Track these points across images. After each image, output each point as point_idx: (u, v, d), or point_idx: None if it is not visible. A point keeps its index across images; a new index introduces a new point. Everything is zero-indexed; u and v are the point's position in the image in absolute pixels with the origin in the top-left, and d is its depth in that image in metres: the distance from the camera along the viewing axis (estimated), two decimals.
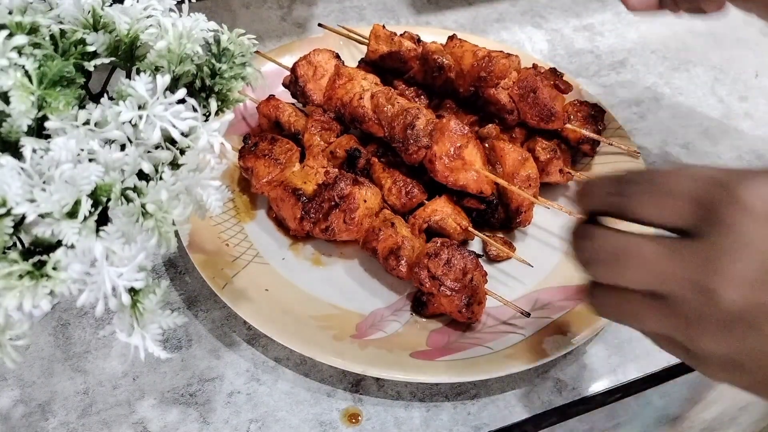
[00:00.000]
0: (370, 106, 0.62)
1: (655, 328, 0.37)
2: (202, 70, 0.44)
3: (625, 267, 0.35)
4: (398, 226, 0.59)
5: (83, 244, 0.35)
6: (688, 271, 0.33)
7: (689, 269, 0.33)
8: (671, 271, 0.34)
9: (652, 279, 0.35)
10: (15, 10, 0.39)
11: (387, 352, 0.52)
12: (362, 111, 0.62)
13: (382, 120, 0.61)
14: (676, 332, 0.36)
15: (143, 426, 0.50)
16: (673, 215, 0.34)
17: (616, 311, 0.38)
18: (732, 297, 0.32)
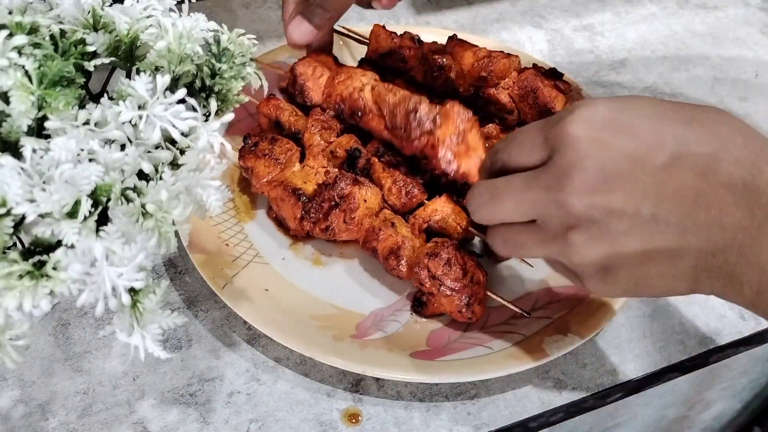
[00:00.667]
0: (370, 98, 0.61)
1: (538, 252, 0.43)
2: (202, 70, 0.44)
3: (500, 201, 0.42)
4: (398, 226, 0.58)
5: (83, 244, 0.35)
6: (545, 192, 0.39)
7: (545, 191, 0.39)
8: (534, 196, 0.40)
9: (522, 207, 0.41)
10: (15, 10, 0.39)
11: (387, 352, 0.52)
12: (362, 103, 0.61)
13: (383, 109, 0.60)
14: (552, 251, 0.41)
15: (143, 426, 0.50)
16: (532, 154, 0.41)
17: (507, 246, 0.44)
18: (578, 203, 0.38)
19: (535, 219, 0.41)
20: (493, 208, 0.42)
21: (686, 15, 0.97)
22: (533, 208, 0.40)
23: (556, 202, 0.39)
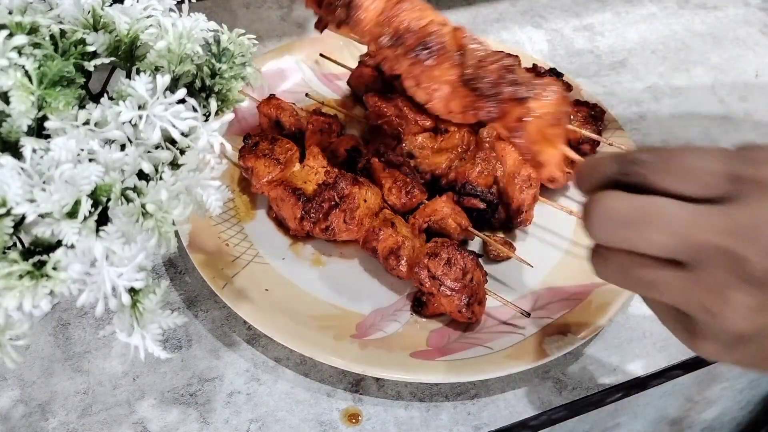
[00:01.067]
0: (452, 38, 0.51)
1: (669, 297, 0.35)
2: (202, 70, 0.44)
3: (646, 230, 0.33)
4: (398, 226, 0.59)
5: (83, 244, 0.35)
6: (718, 236, 0.32)
7: (719, 235, 0.32)
8: (698, 235, 0.32)
9: (676, 243, 0.33)
10: (15, 10, 0.39)
11: (387, 352, 0.52)
12: (438, 39, 0.51)
13: (466, 57, 0.49)
14: (691, 302, 0.34)
15: (143, 426, 0.50)
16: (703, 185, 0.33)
17: (626, 277, 0.36)
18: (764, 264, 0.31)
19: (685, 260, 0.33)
20: (637, 234, 0.33)
21: (686, 15, 0.97)
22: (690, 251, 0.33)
23: (734, 254, 0.31)
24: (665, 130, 0.79)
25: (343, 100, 0.76)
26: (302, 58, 0.77)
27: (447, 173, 0.63)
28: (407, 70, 0.49)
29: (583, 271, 0.60)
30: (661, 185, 0.34)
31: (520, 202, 0.61)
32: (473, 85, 0.48)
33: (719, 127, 0.80)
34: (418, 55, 0.50)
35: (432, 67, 0.49)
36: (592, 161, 0.38)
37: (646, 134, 0.78)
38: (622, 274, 0.36)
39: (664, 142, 0.77)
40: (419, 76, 0.49)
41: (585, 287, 0.58)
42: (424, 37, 0.50)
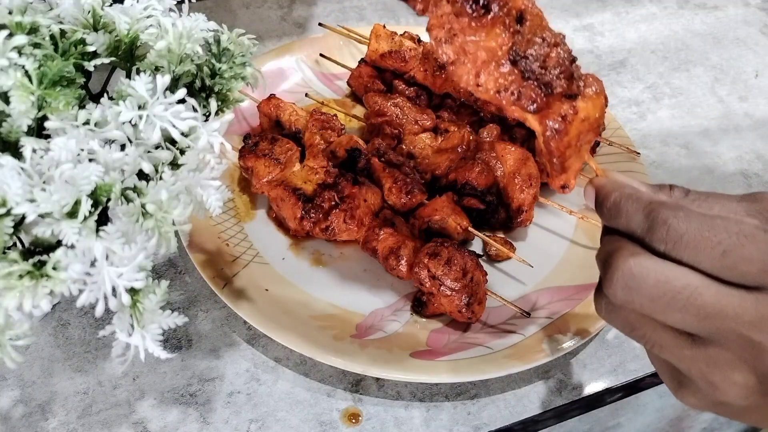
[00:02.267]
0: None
1: (671, 358, 0.35)
2: (202, 70, 0.44)
3: (670, 308, 0.32)
4: (398, 226, 0.59)
5: (83, 244, 0.35)
6: (742, 326, 0.31)
7: (744, 324, 0.31)
8: (723, 321, 0.31)
9: (696, 323, 0.32)
10: (15, 10, 0.39)
11: (387, 352, 0.52)
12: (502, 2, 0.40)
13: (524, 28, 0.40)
14: (693, 370, 0.34)
15: (143, 426, 0.50)
16: (734, 273, 0.31)
17: (632, 332, 0.35)
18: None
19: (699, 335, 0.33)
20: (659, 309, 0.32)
21: (686, 15, 0.97)
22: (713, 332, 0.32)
23: (752, 343, 0.31)
24: (665, 130, 0.79)
25: (343, 100, 0.76)
26: (302, 58, 0.77)
27: (447, 173, 0.63)
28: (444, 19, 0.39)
29: (583, 271, 0.60)
30: (691, 261, 0.32)
31: (520, 202, 0.61)
32: (525, 66, 0.40)
33: (719, 127, 0.80)
34: (471, 6, 0.39)
35: (480, 27, 0.39)
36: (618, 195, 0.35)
37: (646, 134, 0.78)
38: (629, 328, 0.35)
39: (663, 142, 0.77)
40: (457, 30, 0.39)
41: (585, 287, 0.58)
42: None
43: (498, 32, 0.39)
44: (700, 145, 0.78)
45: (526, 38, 0.39)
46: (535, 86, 0.39)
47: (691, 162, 0.75)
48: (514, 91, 0.39)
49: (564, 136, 0.40)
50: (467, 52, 0.39)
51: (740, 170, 0.75)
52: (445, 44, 0.40)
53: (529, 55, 0.39)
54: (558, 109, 0.39)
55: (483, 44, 0.40)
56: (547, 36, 0.40)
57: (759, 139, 0.79)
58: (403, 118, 0.67)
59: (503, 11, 0.39)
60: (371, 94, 0.70)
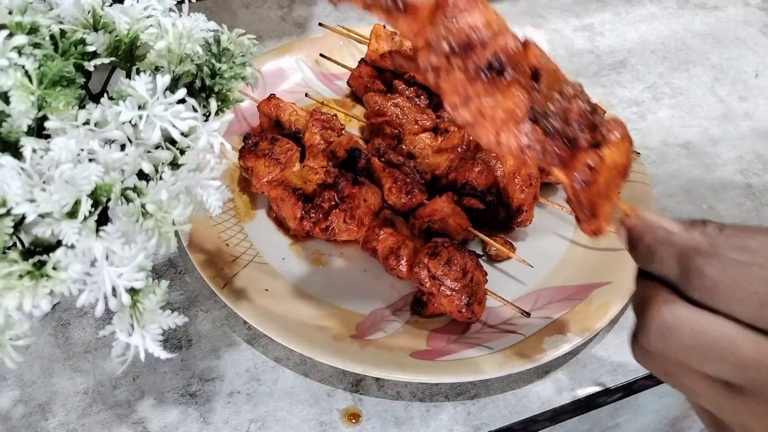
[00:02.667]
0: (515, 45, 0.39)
1: (710, 406, 0.34)
2: (202, 70, 0.44)
3: (707, 359, 0.31)
4: (398, 226, 0.59)
5: (83, 244, 0.35)
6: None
7: None
8: (759, 368, 0.30)
9: (734, 374, 0.31)
10: (15, 10, 0.39)
11: (387, 352, 0.52)
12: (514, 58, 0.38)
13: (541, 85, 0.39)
14: (733, 419, 0.33)
15: (143, 426, 0.50)
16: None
17: (669, 378, 0.34)
18: None
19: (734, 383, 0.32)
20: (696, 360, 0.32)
21: (686, 15, 0.97)
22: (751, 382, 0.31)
23: None
24: (665, 130, 0.79)
25: (343, 100, 0.76)
26: (302, 58, 0.77)
27: (447, 173, 0.63)
28: (458, 86, 0.38)
29: (583, 271, 0.60)
30: (727, 310, 0.31)
31: (520, 202, 0.61)
32: (546, 123, 0.38)
33: (719, 127, 0.80)
34: (485, 73, 0.38)
35: (496, 90, 0.38)
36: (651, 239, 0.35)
37: (646, 134, 0.78)
38: (665, 376, 0.34)
39: (663, 142, 0.77)
40: (472, 95, 0.38)
41: (585, 287, 0.58)
42: (496, 51, 0.38)
43: (515, 92, 0.38)
44: (700, 145, 0.78)
45: (544, 95, 0.39)
46: (558, 142, 0.38)
47: (691, 162, 0.75)
48: (537, 149, 0.38)
49: (592, 186, 0.39)
50: (485, 114, 0.38)
51: (740, 170, 0.75)
52: (461, 108, 0.38)
53: (549, 112, 0.38)
54: (584, 160, 0.38)
55: (501, 105, 0.38)
56: (565, 89, 0.39)
57: (759, 139, 0.79)
58: (403, 118, 0.67)
59: (518, 72, 0.38)
60: (371, 94, 0.70)
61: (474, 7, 0.38)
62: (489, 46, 0.38)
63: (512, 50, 0.38)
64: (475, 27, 0.37)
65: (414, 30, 0.38)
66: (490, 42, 0.38)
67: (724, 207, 0.71)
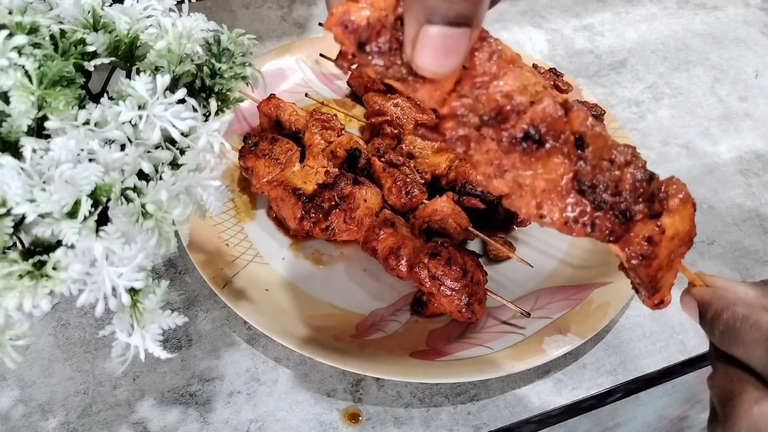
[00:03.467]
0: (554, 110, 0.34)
1: None
2: (202, 70, 0.44)
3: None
4: (398, 226, 0.59)
5: (83, 244, 0.35)
6: None
7: None
8: None
9: None
10: (15, 10, 0.39)
11: (387, 352, 0.52)
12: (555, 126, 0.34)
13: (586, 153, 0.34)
14: None
15: (143, 426, 0.50)
16: None
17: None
18: None
19: None
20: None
21: (686, 15, 0.97)
22: None
23: None
24: (665, 130, 0.79)
25: (343, 100, 0.76)
26: (302, 58, 0.77)
27: (447, 173, 0.63)
28: (491, 157, 0.34)
29: (583, 271, 0.60)
30: None
31: None
32: (595, 196, 0.34)
33: (719, 127, 0.80)
34: (522, 145, 0.33)
35: (535, 160, 0.34)
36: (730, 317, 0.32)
37: (646, 134, 0.78)
38: None
39: (663, 142, 0.77)
40: (508, 166, 0.34)
41: (585, 287, 0.58)
42: (533, 119, 0.33)
43: (557, 162, 0.34)
44: (700, 145, 0.78)
45: (591, 163, 0.34)
46: (610, 215, 0.34)
47: (691, 162, 0.75)
48: (586, 223, 0.34)
49: (653, 260, 0.35)
50: (523, 186, 0.34)
51: (740, 170, 0.75)
52: (496, 179, 0.34)
53: (597, 182, 0.34)
54: (642, 232, 0.34)
55: (541, 176, 0.34)
56: (615, 156, 0.34)
57: (759, 139, 0.79)
58: (403, 118, 0.67)
59: (559, 141, 0.34)
60: (371, 94, 0.69)
61: (507, 72, 0.33)
62: (525, 115, 0.33)
63: (552, 117, 0.34)
64: (508, 95, 0.33)
65: (436, 99, 0.33)
66: (527, 109, 0.33)
67: (724, 207, 0.71)
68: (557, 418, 0.53)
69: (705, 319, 0.34)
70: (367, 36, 0.31)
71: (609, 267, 0.59)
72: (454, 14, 0.28)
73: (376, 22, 0.31)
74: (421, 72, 0.31)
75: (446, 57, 0.30)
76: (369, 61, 0.32)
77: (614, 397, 0.55)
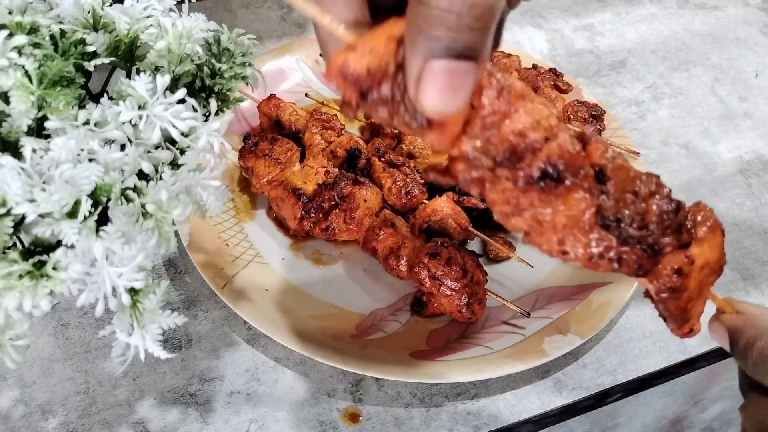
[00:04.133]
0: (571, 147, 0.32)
1: None
2: (202, 70, 0.44)
3: None
4: (398, 226, 0.59)
5: (83, 244, 0.35)
6: None
7: None
8: None
9: None
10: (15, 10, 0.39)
11: (387, 352, 0.52)
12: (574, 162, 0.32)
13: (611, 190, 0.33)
14: None
15: (143, 426, 0.50)
16: None
17: None
18: None
19: None
20: None
21: (686, 15, 0.97)
22: None
23: None
24: (665, 130, 0.79)
25: None
26: (302, 58, 0.77)
27: None
28: (508, 197, 0.32)
29: (583, 271, 0.60)
30: None
31: None
32: (620, 231, 0.33)
33: (719, 127, 0.80)
34: (540, 184, 0.32)
35: (554, 198, 0.32)
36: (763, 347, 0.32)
37: (646, 134, 0.78)
38: None
39: (663, 142, 0.77)
40: (526, 206, 0.33)
41: (585, 287, 0.58)
42: (549, 157, 0.32)
43: (578, 198, 0.32)
44: (700, 145, 0.78)
45: (614, 197, 0.33)
46: (638, 249, 0.33)
47: (691, 162, 0.75)
48: (612, 258, 0.33)
49: (683, 293, 0.34)
50: (543, 223, 0.33)
51: (740, 170, 0.75)
52: (514, 218, 0.33)
53: (622, 217, 0.33)
54: (669, 264, 0.33)
55: (562, 213, 0.33)
56: (639, 188, 0.33)
57: (759, 139, 0.79)
58: None
59: (578, 177, 0.32)
60: None
61: (517, 108, 0.31)
62: (540, 152, 0.32)
63: (570, 153, 0.32)
64: (521, 133, 0.31)
65: (445, 143, 0.31)
66: (542, 147, 0.32)
67: (724, 207, 0.71)
68: (557, 418, 0.53)
69: (737, 347, 0.33)
70: (369, 85, 0.30)
71: None
72: (461, 46, 0.27)
73: (377, 70, 0.29)
74: (427, 113, 0.29)
75: (453, 94, 0.28)
76: (373, 110, 0.31)
77: (614, 397, 0.55)
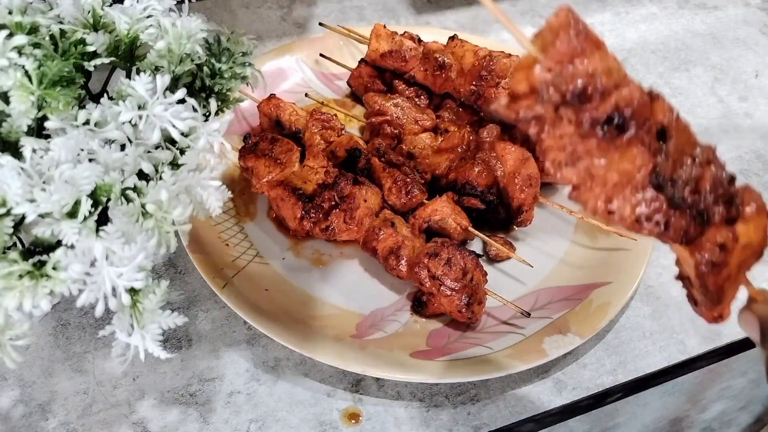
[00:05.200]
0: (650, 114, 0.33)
1: None
2: (202, 70, 0.44)
3: None
4: (398, 226, 0.58)
5: (83, 244, 0.35)
6: None
7: None
8: None
9: None
10: (15, 10, 0.39)
11: (387, 352, 0.52)
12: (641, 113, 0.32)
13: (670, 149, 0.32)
14: None
15: (143, 426, 0.50)
16: None
17: None
18: None
19: None
20: None
21: (686, 15, 0.97)
22: None
23: None
24: None
25: (343, 100, 0.76)
26: (302, 58, 0.77)
27: (447, 173, 0.63)
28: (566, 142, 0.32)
29: (583, 271, 0.60)
30: None
31: (521, 201, 0.61)
32: (673, 192, 0.32)
33: (719, 127, 0.80)
34: (601, 127, 0.31)
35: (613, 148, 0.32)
36: None
37: None
38: None
39: None
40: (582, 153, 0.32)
41: (585, 287, 0.58)
42: (618, 103, 0.31)
43: (636, 153, 0.32)
44: None
45: (672, 158, 0.32)
46: (686, 215, 0.32)
47: None
48: (659, 221, 0.32)
49: (723, 268, 0.33)
50: (595, 176, 0.32)
51: (740, 170, 0.75)
52: (566, 167, 0.32)
53: (677, 178, 0.32)
54: (714, 237, 0.33)
55: (616, 167, 0.32)
56: (697, 153, 0.33)
57: (759, 139, 0.79)
58: (403, 118, 0.67)
59: (642, 130, 0.31)
60: (371, 94, 0.70)
61: (593, 52, 0.31)
62: (610, 97, 0.31)
63: (638, 102, 0.31)
64: (593, 75, 0.31)
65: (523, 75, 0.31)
66: (611, 92, 0.31)
67: None
68: (557, 417, 0.53)
69: (764, 335, 0.32)
70: None
71: (609, 267, 0.59)
72: None
73: None
74: None
75: None
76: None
77: (614, 397, 0.55)
